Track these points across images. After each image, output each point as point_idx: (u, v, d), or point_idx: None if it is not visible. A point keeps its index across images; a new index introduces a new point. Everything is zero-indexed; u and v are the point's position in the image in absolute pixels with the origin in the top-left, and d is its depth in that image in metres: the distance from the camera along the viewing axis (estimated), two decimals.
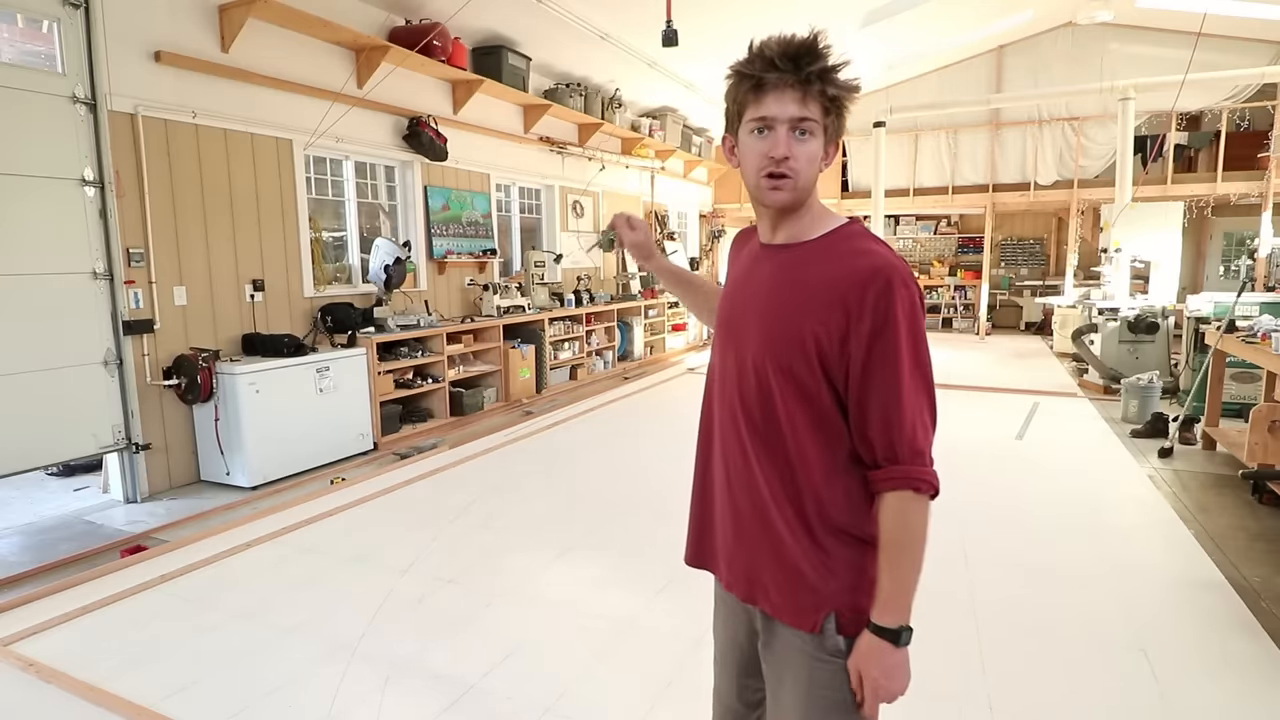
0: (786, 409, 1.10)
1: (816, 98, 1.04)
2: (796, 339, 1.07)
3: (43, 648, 2.61)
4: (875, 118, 9.89)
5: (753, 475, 1.14)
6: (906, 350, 1.02)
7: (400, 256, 5.67)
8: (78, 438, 4.04)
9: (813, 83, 1.03)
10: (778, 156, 1.05)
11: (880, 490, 1.07)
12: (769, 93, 1.05)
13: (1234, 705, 2.20)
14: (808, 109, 1.04)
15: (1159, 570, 3.14)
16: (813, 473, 1.10)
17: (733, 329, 1.19)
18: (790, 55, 1.03)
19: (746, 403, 1.14)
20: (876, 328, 1.02)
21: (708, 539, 1.27)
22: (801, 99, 1.04)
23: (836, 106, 1.07)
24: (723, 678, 1.33)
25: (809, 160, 1.07)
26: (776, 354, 1.09)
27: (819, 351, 1.06)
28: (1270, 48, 9.55)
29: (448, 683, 2.34)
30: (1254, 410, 3.97)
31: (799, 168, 1.07)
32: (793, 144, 1.05)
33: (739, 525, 1.18)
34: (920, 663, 2.36)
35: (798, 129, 1.05)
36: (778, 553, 1.13)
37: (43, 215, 3.84)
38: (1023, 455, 4.94)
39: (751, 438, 1.14)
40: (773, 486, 1.12)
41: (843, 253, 1.09)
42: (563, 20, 6.53)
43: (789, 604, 1.12)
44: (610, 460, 5.08)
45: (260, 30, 4.82)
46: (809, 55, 1.03)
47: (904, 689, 1.08)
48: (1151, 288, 8.97)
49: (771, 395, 1.11)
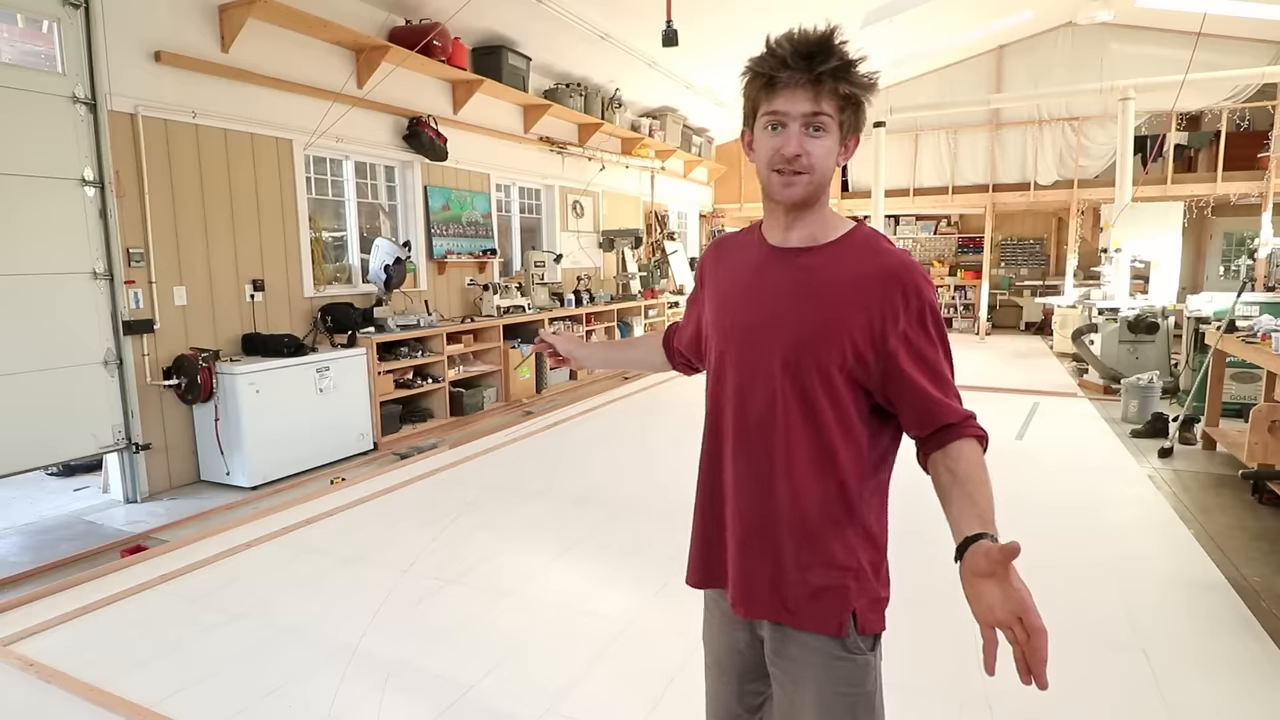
0: (820, 410, 1.10)
1: (830, 95, 1.03)
2: (837, 337, 1.07)
3: (43, 648, 2.61)
4: (875, 118, 9.88)
5: (779, 483, 1.12)
6: (938, 335, 1.10)
7: (400, 256, 5.67)
8: (78, 438, 4.04)
9: (825, 80, 1.02)
10: (788, 154, 1.05)
11: (948, 442, 1.10)
12: (781, 90, 1.04)
13: (1234, 705, 2.20)
14: (821, 105, 1.04)
15: (1159, 570, 3.14)
16: (845, 475, 1.11)
17: (750, 336, 1.15)
18: (803, 53, 1.02)
19: (776, 409, 1.11)
20: (917, 316, 1.08)
21: (717, 558, 1.22)
22: (814, 96, 1.03)
23: (852, 103, 1.06)
24: (721, 684, 1.30)
25: (823, 155, 1.06)
26: (816, 355, 1.08)
27: (856, 349, 1.07)
28: (1270, 48, 9.55)
29: (448, 683, 2.34)
30: (1254, 410, 3.97)
31: (813, 163, 1.06)
32: (805, 140, 1.05)
33: (760, 539, 1.14)
34: (920, 662, 2.37)
35: (811, 125, 1.05)
36: (804, 562, 1.12)
37: (43, 215, 3.84)
38: (1023, 455, 4.93)
39: (785, 443, 1.11)
40: (803, 493, 1.11)
41: (867, 252, 1.11)
42: (563, 20, 6.53)
43: (815, 612, 1.12)
44: (610, 460, 5.08)
45: (260, 30, 4.82)
46: (822, 53, 1.02)
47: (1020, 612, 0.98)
48: (1151, 288, 8.97)
49: (808, 397, 1.10)
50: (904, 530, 1.89)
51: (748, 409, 1.15)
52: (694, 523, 1.27)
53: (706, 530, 1.24)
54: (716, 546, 1.22)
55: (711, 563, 1.24)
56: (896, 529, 1.27)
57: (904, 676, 2.22)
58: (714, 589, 1.27)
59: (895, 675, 1.27)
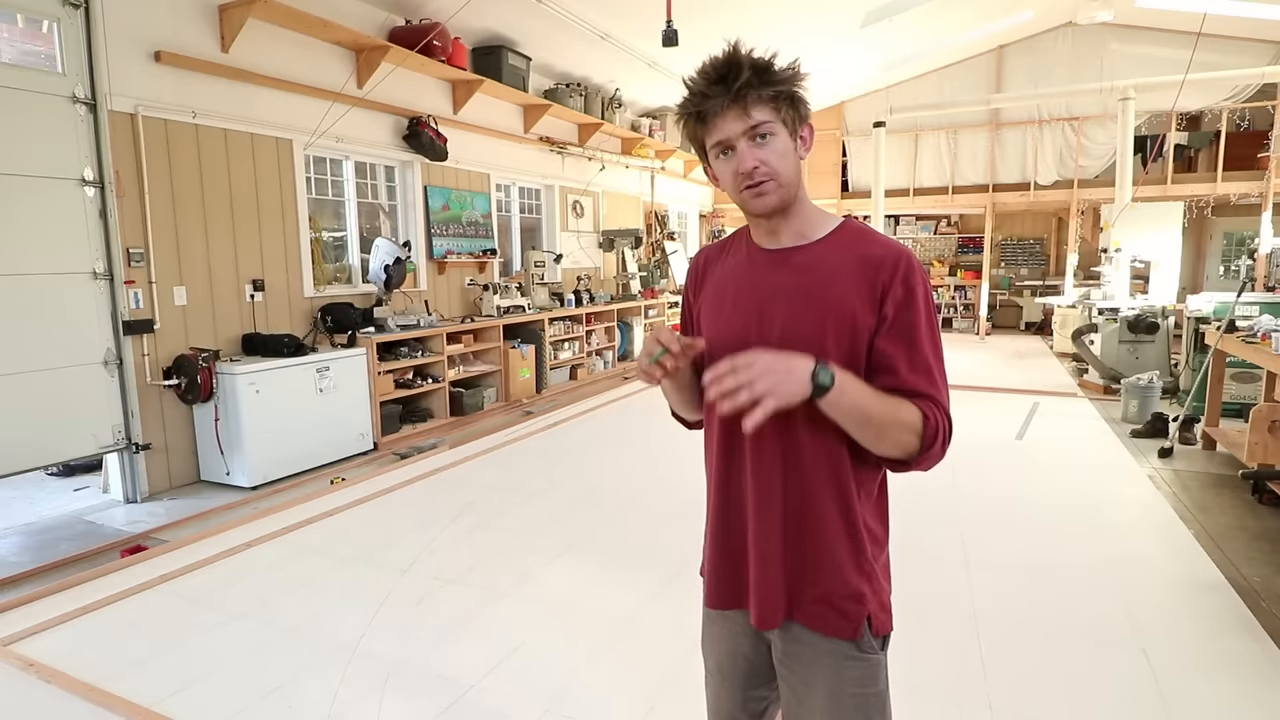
0: None
1: (758, 103, 1.05)
2: (847, 323, 1.09)
3: (43, 648, 2.61)
4: (875, 118, 9.90)
5: (800, 489, 1.12)
6: (926, 319, 1.10)
7: (400, 256, 5.67)
8: (78, 438, 4.04)
9: (748, 93, 1.04)
10: (746, 170, 1.07)
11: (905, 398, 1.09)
12: (713, 119, 1.07)
13: (1234, 705, 2.20)
14: (754, 117, 1.05)
15: (1159, 570, 3.14)
16: (858, 474, 1.12)
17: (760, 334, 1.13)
18: (715, 79, 1.05)
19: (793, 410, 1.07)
20: (906, 298, 1.09)
21: (739, 577, 1.18)
22: (743, 111, 1.05)
23: (785, 99, 1.07)
24: (724, 692, 1.28)
25: (779, 158, 1.08)
26: (824, 348, 1.08)
27: (863, 329, 1.09)
28: (1270, 48, 9.55)
29: (448, 683, 2.34)
30: (1254, 410, 3.96)
31: (773, 169, 1.08)
32: (756, 151, 1.07)
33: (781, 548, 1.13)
34: (920, 662, 2.37)
35: (755, 136, 1.06)
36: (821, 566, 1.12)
37: (43, 215, 3.84)
38: (1023, 455, 4.93)
39: (801, 445, 1.10)
40: (819, 497, 1.11)
41: (859, 242, 1.13)
42: (563, 20, 6.53)
43: (835, 616, 1.12)
44: (610, 460, 5.08)
45: (260, 30, 4.82)
46: (733, 70, 1.04)
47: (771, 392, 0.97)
48: (1151, 288, 8.98)
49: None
50: (904, 531, 1.89)
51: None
52: (710, 542, 1.23)
53: (729, 547, 1.19)
54: (739, 563, 1.18)
55: (735, 582, 1.20)
56: (897, 530, 1.27)
57: (905, 676, 2.21)
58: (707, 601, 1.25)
59: (896, 675, 1.27)
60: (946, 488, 4.11)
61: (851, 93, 11.60)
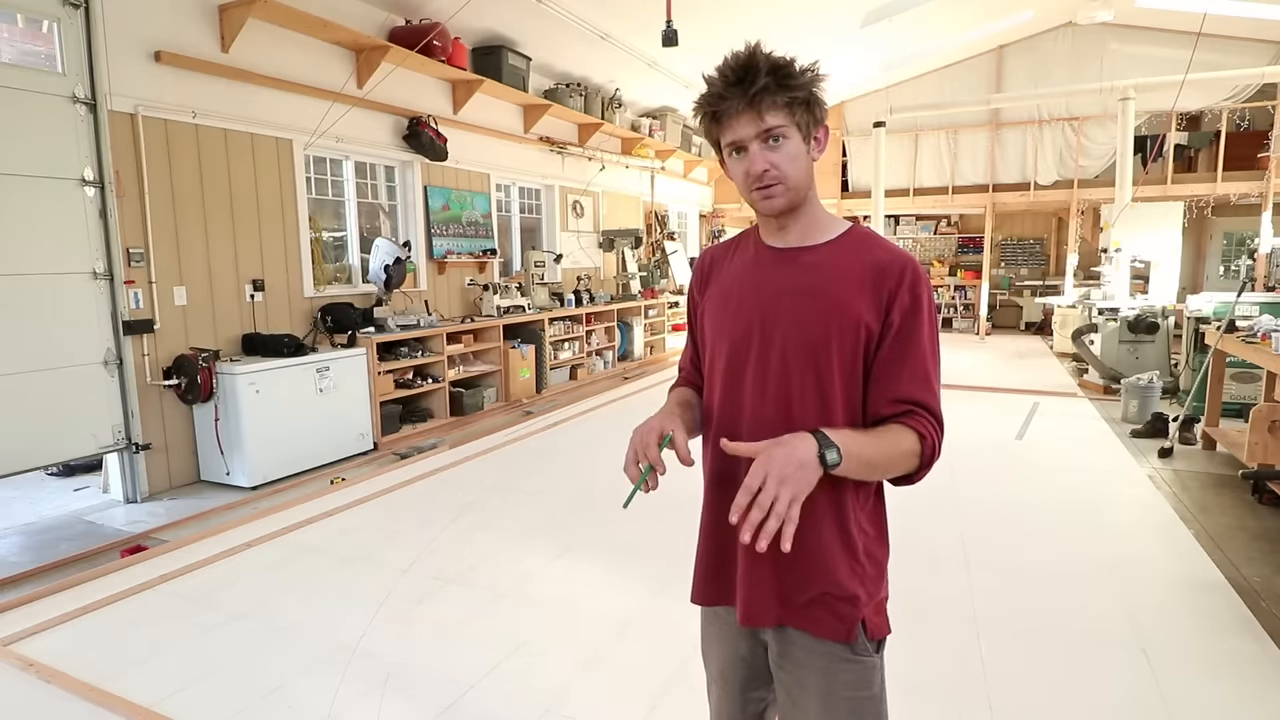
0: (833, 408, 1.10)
1: (773, 108, 1.06)
2: (851, 325, 1.09)
3: (43, 648, 2.61)
4: (875, 118, 9.90)
5: None
6: (929, 328, 1.12)
7: (400, 256, 5.67)
8: (78, 438, 4.04)
9: (763, 98, 1.05)
10: (756, 173, 1.09)
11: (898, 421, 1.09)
12: (728, 120, 1.08)
13: (1234, 705, 2.20)
14: (768, 121, 1.06)
15: (1159, 570, 3.14)
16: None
17: (764, 332, 1.14)
18: (733, 80, 1.06)
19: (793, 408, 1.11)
20: (912, 306, 1.10)
21: (727, 574, 1.19)
22: (758, 115, 1.06)
23: (800, 104, 1.07)
24: (725, 695, 1.28)
25: (790, 162, 1.09)
26: (828, 349, 1.09)
27: (868, 333, 1.09)
28: (1270, 48, 9.55)
29: (448, 683, 2.34)
30: (1254, 410, 3.96)
31: (783, 172, 1.09)
32: (768, 155, 1.08)
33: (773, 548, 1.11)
34: (920, 663, 2.37)
35: (768, 139, 1.07)
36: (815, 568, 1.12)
37: (43, 215, 3.84)
38: (1023, 455, 4.93)
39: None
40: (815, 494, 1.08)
41: (867, 248, 1.14)
42: (563, 20, 6.53)
43: (830, 618, 1.12)
44: (610, 460, 5.06)
45: (260, 30, 4.82)
46: (750, 74, 1.05)
47: (794, 498, 0.95)
48: (1151, 288, 8.98)
49: (824, 393, 1.10)
50: (903, 531, 1.89)
51: (763, 411, 1.14)
52: (702, 539, 1.24)
53: (719, 543, 1.20)
54: (728, 561, 1.19)
55: (720, 579, 1.21)
56: (896, 530, 1.27)
57: (904, 676, 2.22)
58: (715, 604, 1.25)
59: (895, 675, 1.27)
60: (946, 488, 4.11)
61: (851, 93, 11.59)
